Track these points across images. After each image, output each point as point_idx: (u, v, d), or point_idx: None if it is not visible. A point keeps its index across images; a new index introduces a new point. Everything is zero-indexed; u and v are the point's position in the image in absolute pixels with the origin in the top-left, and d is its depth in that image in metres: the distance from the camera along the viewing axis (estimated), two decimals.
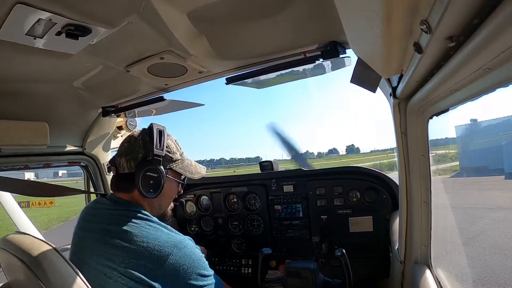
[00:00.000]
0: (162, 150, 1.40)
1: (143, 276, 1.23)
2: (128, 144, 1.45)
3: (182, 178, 1.55)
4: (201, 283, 1.34)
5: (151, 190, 1.37)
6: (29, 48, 1.16)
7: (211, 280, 1.39)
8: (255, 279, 1.91)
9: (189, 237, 1.41)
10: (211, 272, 1.41)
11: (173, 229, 1.39)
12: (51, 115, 1.92)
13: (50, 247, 1.19)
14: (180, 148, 1.55)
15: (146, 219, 1.35)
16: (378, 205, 2.15)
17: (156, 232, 1.31)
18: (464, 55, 0.65)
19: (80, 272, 1.16)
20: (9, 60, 1.32)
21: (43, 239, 1.28)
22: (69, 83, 1.73)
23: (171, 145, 1.49)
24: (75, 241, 1.43)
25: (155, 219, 1.38)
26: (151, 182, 1.36)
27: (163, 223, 1.39)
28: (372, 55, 1.02)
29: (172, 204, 1.59)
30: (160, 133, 1.42)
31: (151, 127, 1.42)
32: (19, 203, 2.88)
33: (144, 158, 1.38)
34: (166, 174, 1.42)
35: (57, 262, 1.15)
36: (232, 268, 2.51)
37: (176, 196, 1.60)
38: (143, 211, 1.39)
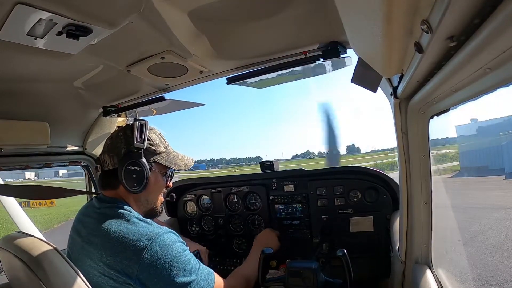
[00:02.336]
0: (143, 143, 1.38)
1: (119, 274, 1.20)
2: (111, 140, 1.45)
3: (168, 171, 1.52)
4: (183, 279, 1.25)
5: (135, 184, 1.35)
6: (30, 48, 1.16)
7: (196, 276, 1.31)
8: (256, 278, 1.91)
9: (172, 231, 1.35)
10: (196, 266, 1.34)
11: (154, 223, 1.35)
12: (52, 115, 1.92)
13: (51, 247, 1.20)
14: (165, 141, 1.53)
15: (126, 214, 1.32)
16: (378, 205, 2.15)
17: (132, 226, 1.28)
18: (464, 55, 0.65)
19: None
20: (10, 60, 1.32)
21: (43, 239, 1.28)
22: (70, 83, 1.73)
23: (154, 138, 1.47)
24: (69, 243, 1.43)
25: (136, 214, 1.35)
26: (134, 176, 1.35)
27: (143, 218, 1.35)
28: (372, 55, 1.02)
29: (162, 198, 1.56)
30: (142, 126, 1.40)
31: (133, 122, 1.41)
32: (20, 203, 2.88)
33: (127, 153, 1.37)
34: (150, 167, 1.40)
35: (58, 262, 1.16)
36: (232, 267, 2.50)
37: (166, 190, 1.57)
38: (126, 207, 1.36)
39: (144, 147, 1.39)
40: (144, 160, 1.37)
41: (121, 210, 1.33)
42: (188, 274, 1.28)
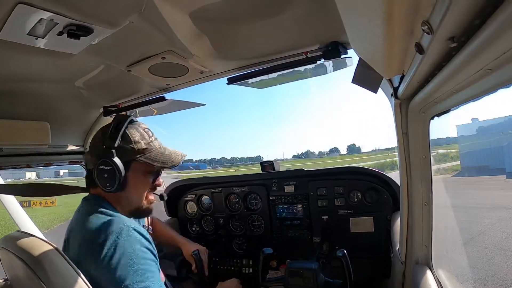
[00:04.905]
0: (115, 141, 1.34)
1: (86, 278, 1.16)
2: (93, 139, 1.44)
3: (152, 169, 1.45)
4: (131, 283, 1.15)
5: (108, 184, 1.32)
6: (31, 48, 1.16)
7: (150, 283, 1.18)
8: (256, 279, 1.91)
9: (135, 228, 1.27)
10: (154, 280, 1.21)
11: (121, 220, 1.27)
12: (53, 115, 1.92)
13: (51, 247, 1.20)
14: (149, 137, 1.45)
15: (99, 211, 1.31)
16: (379, 206, 2.15)
17: (98, 220, 1.26)
18: (465, 55, 0.65)
19: None
20: (11, 60, 1.32)
21: (44, 238, 1.28)
22: (71, 83, 1.73)
23: (134, 134, 1.41)
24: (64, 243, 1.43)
25: (109, 211, 1.32)
26: (106, 175, 1.32)
27: (113, 213, 1.31)
28: (373, 56, 1.01)
29: (151, 198, 1.49)
30: (118, 123, 1.37)
31: (113, 119, 1.40)
32: (20, 203, 2.88)
33: (101, 152, 1.35)
34: (129, 166, 1.36)
35: (58, 262, 1.15)
36: (233, 268, 2.51)
37: (155, 189, 1.50)
38: (103, 204, 1.35)
39: (115, 145, 1.34)
40: (116, 159, 1.32)
41: (96, 207, 1.33)
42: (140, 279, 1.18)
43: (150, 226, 1.73)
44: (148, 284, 1.18)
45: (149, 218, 1.75)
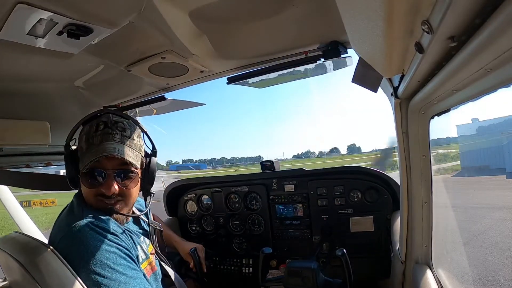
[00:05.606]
0: (69, 139, 1.43)
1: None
2: None
3: (82, 167, 1.34)
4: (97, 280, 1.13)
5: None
6: (31, 47, 1.16)
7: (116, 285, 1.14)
8: (256, 278, 1.92)
9: (91, 224, 1.23)
10: (118, 271, 1.18)
11: (89, 214, 1.27)
12: (53, 115, 1.92)
13: (48, 249, 1.19)
14: (94, 134, 1.35)
15: (68, 209, 1.38)
16: (379, 205, 2.16)
17: (63, 217, 1.34)
18: (465, 55, 0.65)
19: None
20: (11, 60, 1.32)
21: (42, 240, 1.28)
22: (71, 83, 1.73)
23: (84, 130, 1.40)
24: None
25: (76, 208, 1.34)
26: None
27: (79, 209, 1.32)
28: (373, 55, 1.01)
29: (101, 203, 1.35)
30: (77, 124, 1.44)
31: None
32: (21, 203, 2.88)
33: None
34: (77, 165, 1.38)
35: (55, 264, 1.14)
36: (233, 267, 2.52)
37: (100, 195, 1.35)
38: (73, 200, 1.41)
39: (67, 142, 1.43)
40: (66, 156, 1.41)
41: (70, 204, 1.41)
42: (103, 279, 1.15)
43: (155, 221, 1.73)
44: (115, 276, 1.16)
45: (152, 214, 1.76)
